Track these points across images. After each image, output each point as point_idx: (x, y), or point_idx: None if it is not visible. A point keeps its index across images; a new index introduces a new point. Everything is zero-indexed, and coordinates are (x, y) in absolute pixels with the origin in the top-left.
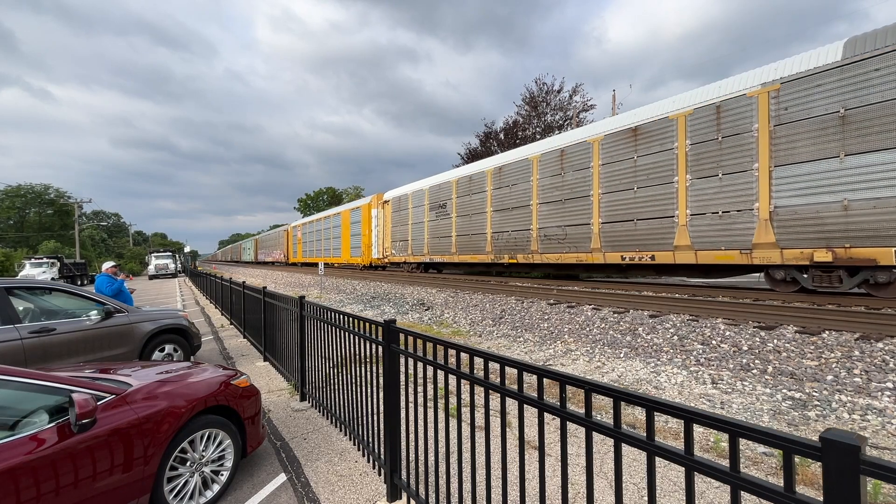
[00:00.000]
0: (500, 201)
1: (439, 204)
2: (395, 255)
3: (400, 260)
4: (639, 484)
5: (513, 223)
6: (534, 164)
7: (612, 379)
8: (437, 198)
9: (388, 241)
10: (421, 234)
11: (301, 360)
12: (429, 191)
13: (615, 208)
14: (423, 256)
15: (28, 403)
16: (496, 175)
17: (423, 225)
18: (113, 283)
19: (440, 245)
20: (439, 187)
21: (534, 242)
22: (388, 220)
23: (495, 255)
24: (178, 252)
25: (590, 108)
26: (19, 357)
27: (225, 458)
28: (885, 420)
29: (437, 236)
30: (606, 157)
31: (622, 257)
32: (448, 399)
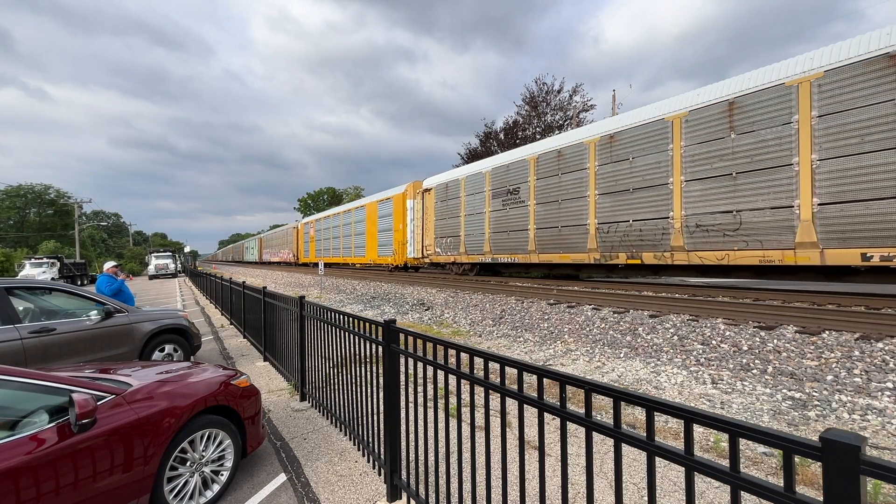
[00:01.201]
0: (610, 181)
1: (508, 189)
2: (439, 255)
3: (447, 260)
4: (639, 484)
5: (634, 209)
6: (674, 126)
7: (612, 379)
8: (504, 181)
9: (429, 238)
10: (479, 227)
11: (301, 360)
12: (490, 174)
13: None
14: (480, 256)
15: (28, 403)
16: (604, 146)
17: (481, 217)
18: (113, 282)
19: (509, 242)
20: (507, 168)
21: (676, 235)
22: (430, 211)
23: (603, 252)
24: (178, 252)
25: (590, 108)
26: (19, 357)
27: (225, 458)
28: (885, 420)
29: (503, 230)
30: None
31: (864, 255)
32: (448, 399)
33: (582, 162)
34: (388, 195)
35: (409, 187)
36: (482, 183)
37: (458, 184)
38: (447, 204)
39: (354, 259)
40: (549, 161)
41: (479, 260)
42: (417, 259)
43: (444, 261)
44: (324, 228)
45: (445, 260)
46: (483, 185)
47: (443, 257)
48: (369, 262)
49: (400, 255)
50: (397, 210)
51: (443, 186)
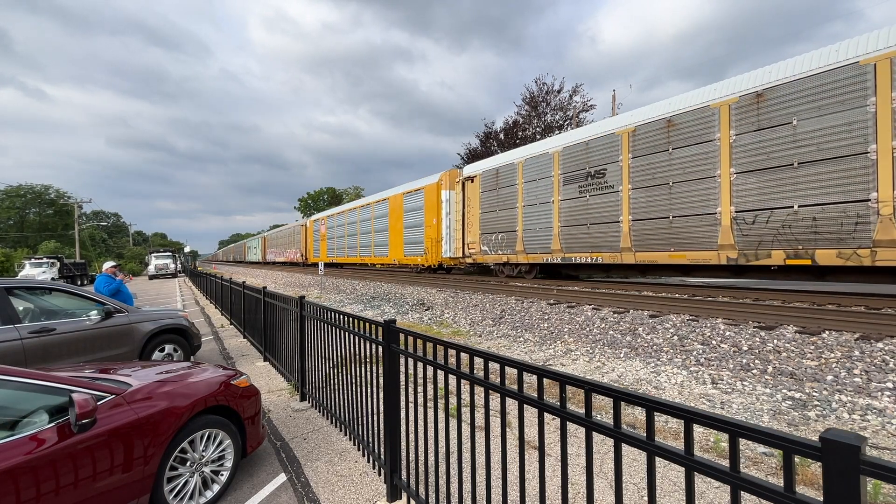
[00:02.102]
0: (757, 154)
1: (588, 172)
2: (485, 254)
3: (496, 260)
4: (639, 484)
5: (801, 191)
6: (878, 71)
7: (612, 379)
8: (582, 162)
9: (472, 234)
10: (543, 220)
11: (301, 360)
12: (561, 154)
13: None
14: (546, 255)
15: (28, 403)
16: (746, 109)
17: (547, 207)
18: (111, 282)
19: (588, 237)
20: (586, 147)
21: (884, 225)
22: (474, 203)
23: (743, 250)
24: (178, 252)
25: (590, 108)
26: (19, 357)
27: (225, 458)
28: (885, 420)
29: (579, 223)
30: None
31: None
32: (448, 399)
33: (707, 131)
34: (417, 186)
35: (444, 176)
36: (548, 166)
37: (513, 169)
38: (498, 194)
39: (375, 259)
40: (653, 133)
41: (544, 260)
42: (456, 259)
43: (492, 261)
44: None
45: (494, 260)
46: (549, 168)
47: (490, 257)
48: (393, 262)
49: (433, 255)
50: (430, 202)
51: (491, 173)
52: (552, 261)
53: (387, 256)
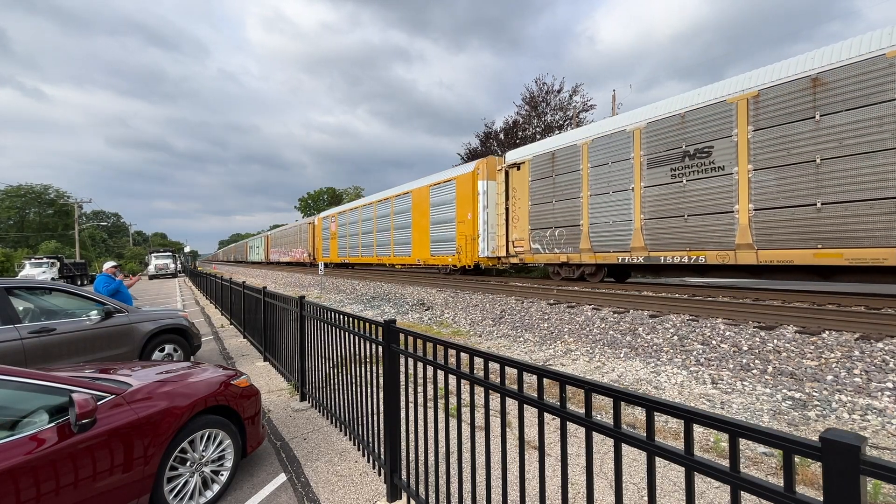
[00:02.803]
0: None
1: (686, 152)
2: (537, 252)
3: (553, 259)
4: (639, 484)
5: None
6: None
7: (612, 379)
8: (676, 140)
9: (520, 230)
10: (620, 212)
11: (301, 360)
12: (644, 131)
13: None
14: (623, 253)
15: (28, 403)
16: None
17: (625, 196)
18: (111, 282)
19: (686, 231)
20: (681, 121)
21: None
22: (521, 194)
23: None
24: (178, 252)
25: (590, 108)
26: (19, 357)
27: (225, 458)
28: (885, 420)
29: (672, 214)
30: None
31: None
32: (448, 399)
33: (881, 88)
34: (447, 176)
35: (481, 164)
36: (625, 146)
37: (576, 152)
38: (554, 182)
39: (394, 259)
40: (787, 99)
41: (619, 259)
42: (496, 259)
43: (544, 261)
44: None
45: (548, 260)
46: (627, 148)
47: (543, 256)
48: (417, 262)
49: (467, 254)
50: (463, 195)
51: (544, 158)
52: (631, 260)
53: (409, 256)
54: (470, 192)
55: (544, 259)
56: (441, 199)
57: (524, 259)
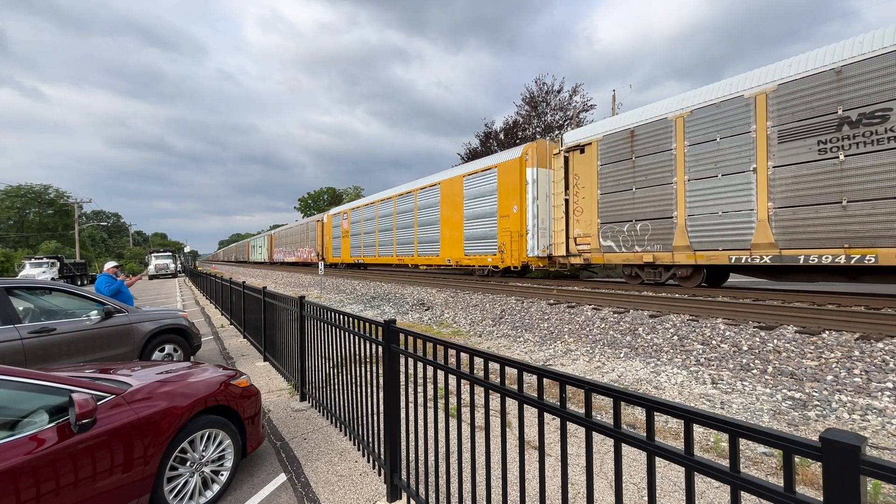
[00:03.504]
0: None
1: (844, 118)
2: (608, 251)
3: (633, 259)
4: (639, 484)
5: None
6: None
7: (612, 379)
8: (827, 104)
9: (584, 224)
10: (732, 199)
11: (301, 360)
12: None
13: None
14: (741, 251)
15: (28, 403)
16: None
17: (741, 179)
18: (112, 282)
19: (843, 223)
20: (838, 78)
21: None
22: (587, 182)
23: None
24: (178, 252)
25: (590, 108)
26: (19, 357)
27: (225, 458)
28: (885, 420)
29: (821, 201)
30: None
31: None
32: (448, 399)
33: None
34: (487, 164)
35: (529, 149)
36: (742, 116)
37: (666, 127)
38: (634, 166)
39: (419, 259)
40: None
41: (732, 260)
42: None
43: (621, 261)
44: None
45: (626, 260)
46: (745, 119)
47: (619, 255)
48: (447, 262)
49: (513, 253)
50: (507, 185)
51: (620, 137)
52: (751, 260)
53: (437, 256)
54: (516, 182)
55: (619, 259)
56: (478, 190)
57: (590, 259)
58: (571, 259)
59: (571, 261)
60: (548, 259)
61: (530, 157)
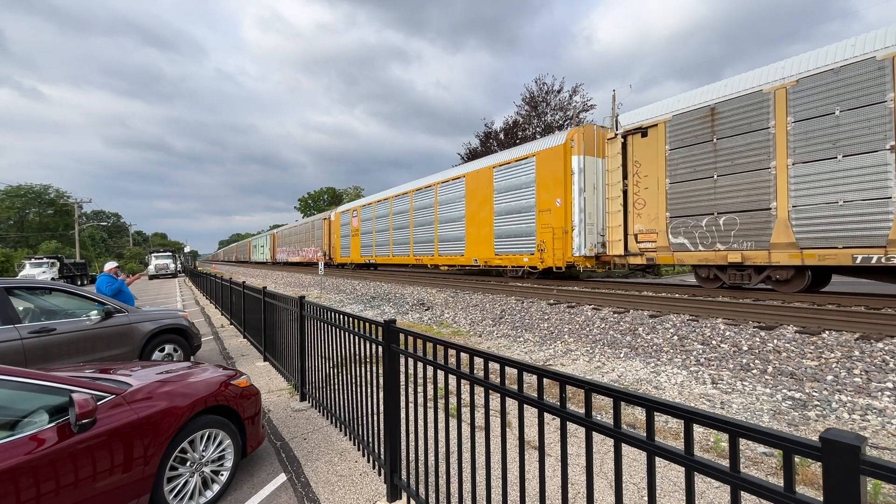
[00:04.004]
0: None
1: None
2: (681, 249)
3: (714, 259)
4: (639, 484)
5: None
6: None
7: (612, 379)
8: None
9: (648, 219)
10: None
11: (301, 360)
12: None
13: None
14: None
15: (28, 403)
16: None
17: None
18: (113, 282)
19: None
20: None
21: None
22: (652, 169)
23: None
24: (178, 252)
25: (590, 108)
26: (19, 357)
27: (225, 458)
28: (885, 420)
29: None
30: None
31: None
32: (448, 399)
33: None
34: (523, 153)
35: (575, 135)
36: (872, 84)
37: (761, 102)
38: (716, 149)
39: (439, 259)
40: None
41: (861, 259)
42: (607, 258)
43: (697, 260)
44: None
45: (703, 259)
46: (876, 87)
47: (694, 254)
48: (473, 262)
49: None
50: (547, 175)
51: (696, 116)
52: (890, 260)
53: (461, 255)
54: (559, 172)
55: (694, 258)
56: (512, 182)
57: (656, 259)
58: (631, 259)
59: (630, 261)
60: (595, 259)
61: (576, 143)
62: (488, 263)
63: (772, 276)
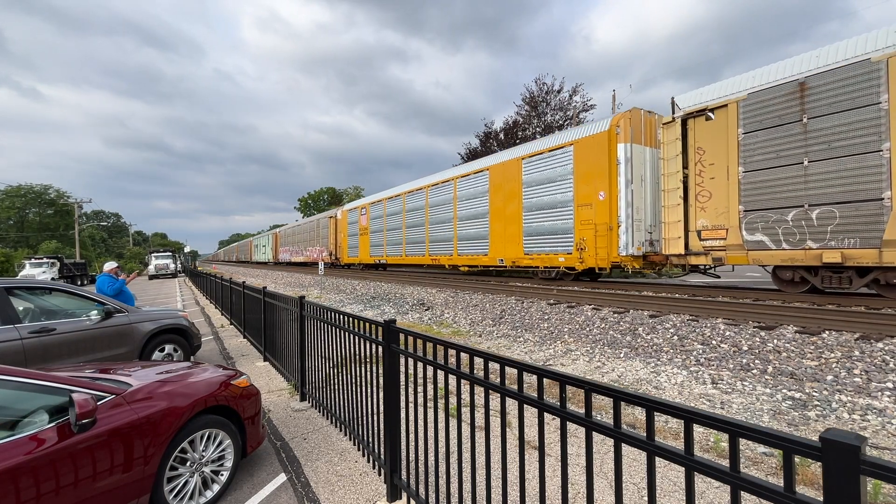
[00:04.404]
0: None
1: None
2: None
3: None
4: (639, 484)
5: None
6: None
7: (612, 379)
8: None
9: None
10: None
11: (301, 360)
12: None
13: None
14: None
15: (28, 403)
16: None
17: None
18: (114, 282)
19: None
20: None
21: None
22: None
23: None
24: (178, 252)
25: (590, 108)
26: (19, 357)
27: (225, 458)
28: (885, 420)
29: None
30: None
31: None
32: (448, 399)
33: None
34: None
35: (621, 120)
36: None
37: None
38: (806, 130)
39: (459, 259)
40: None
41: None
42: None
43: (779, 260)
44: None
45: (788, 259)
46: None
47: (775, 253)
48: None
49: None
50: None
51: (779, 93)
52: None
53: (484, 255)
54: (602, 162)
55: (776, 258)
56: (545, 174)
57: (724, 259)
58: (692, 259)
59: (693, 261)
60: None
61: (622, 129)
62: (516, 264)
63: (881, 279)
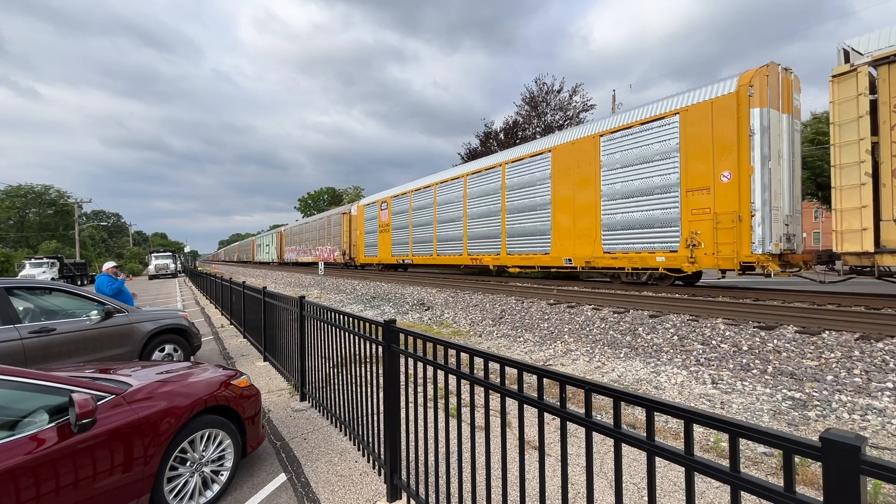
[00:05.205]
0: None
1: None
2: None
3: None
4: (639, 484)
5: None
6: None
7: (612, 379)
8: None
9: None
10: None
11: (301, 360)
12: None
13: None
14: None
15: (28, 403)
16: None
17: None
18: (113, 282)
19: None
20: None
21: None
22: None
23: None
24: (178, 252)
25: (590, 108)
26: (19, 357)
27: (225, 458)
28: (885, 420)
29: None
30: None
31: None
32: (448, 399)
33: None
34: (657, 111)
35: (755, 79)
36: None
37: None
38: None
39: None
40: None
41: None
42: (788, 257)
43: None
44: (415, 208)
45: None
46: None
47: None
48: (565, 263)
49: (719, 248)
50: (700, 138)
51: None
52: None
53: (545, 254)
54: (729, 133)
55: None
56: (634, 153)
57: None
58: (885, 258)
59: (884, 261)
60: (784, 260)
61: (756, 90)
62: (591, 265)
63: None
